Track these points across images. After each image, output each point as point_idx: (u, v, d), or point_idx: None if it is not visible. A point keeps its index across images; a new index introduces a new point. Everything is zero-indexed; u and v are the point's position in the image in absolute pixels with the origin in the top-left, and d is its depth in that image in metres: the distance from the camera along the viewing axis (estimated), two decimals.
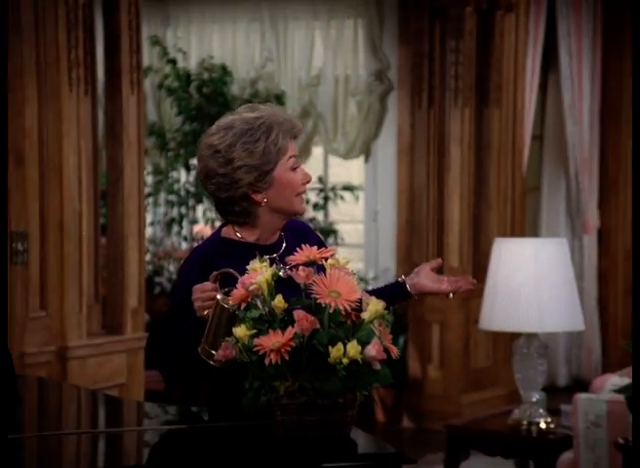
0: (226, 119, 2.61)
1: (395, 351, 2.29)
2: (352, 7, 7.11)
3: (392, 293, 2.69)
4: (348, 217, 7.85)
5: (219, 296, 2.43)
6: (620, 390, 3.58)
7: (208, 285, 2.48)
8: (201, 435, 2.49)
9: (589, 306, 7.52)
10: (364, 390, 2.28)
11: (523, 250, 4.39)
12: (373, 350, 2.24)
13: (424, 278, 2.68)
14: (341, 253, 3.43)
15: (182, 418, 2.71)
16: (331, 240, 7.13)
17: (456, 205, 6.75)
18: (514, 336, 4.48)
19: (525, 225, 7.33)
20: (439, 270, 2.74)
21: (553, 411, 4.43)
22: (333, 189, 7.31)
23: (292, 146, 2.60)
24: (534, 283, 4.28)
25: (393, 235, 7.00)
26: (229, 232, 2.67)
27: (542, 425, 4.32)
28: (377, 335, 2.26)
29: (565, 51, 7.46)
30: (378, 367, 2.25)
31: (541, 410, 4.36)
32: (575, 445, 4.07)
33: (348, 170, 7.88)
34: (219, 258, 2.55)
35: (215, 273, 2.48)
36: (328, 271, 2.31)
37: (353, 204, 7.44)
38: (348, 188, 7.30)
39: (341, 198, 7.30)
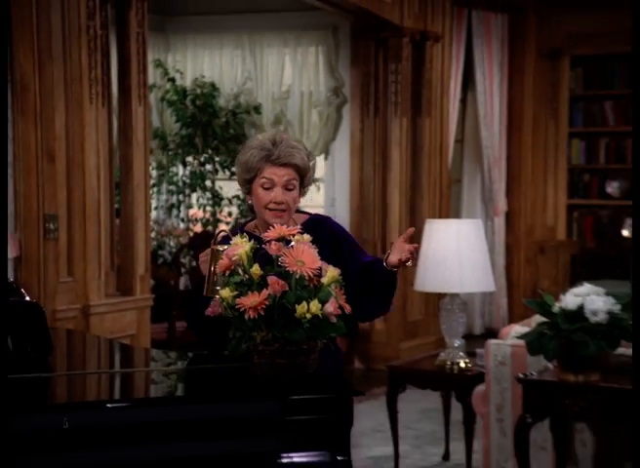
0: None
1: (348, 308, 2.29)
2: (314, 37, 7.12)
3: (380, 273, 2.57)
4: (312, 203, 7.83)
5: (212, 247, 2.42)
6: (520, 336, 3.61)
7: (209, 250, 2.47)
8: (196, 374, 2.49)
9: (498, 272, 7.58)
10: (323, 339, 2.29)
11: (448, 228, 4.40)
12: (330, 307, 2.24)
13: (392, 254, 2.55)
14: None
15: (181, 361, 2.70)
16: None
17: (396, 194, 6.76)
18: (441, 296, 4.49)
19: (449, 209, 7.37)
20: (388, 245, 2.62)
21: (470, 354, 4.45)
22: None
23: (267, 170, 2.57)
24: (456, 254, 4.30)
25: (347, 217, 7.00)
26: (251, 226, 2.67)
27: (462, 365, 4.34)
28: (333, 296, 2.26)
29: (480, 73, 7.49)
30: (334, 320, 2.26)
31: (461, 353, 4.38)
32: (486, 379, 4.10)
33: None
34: None
35: (212, 240, 2.47)
36: (294, 245, 2.31)
37: (316, 192, 7.43)
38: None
39: None
